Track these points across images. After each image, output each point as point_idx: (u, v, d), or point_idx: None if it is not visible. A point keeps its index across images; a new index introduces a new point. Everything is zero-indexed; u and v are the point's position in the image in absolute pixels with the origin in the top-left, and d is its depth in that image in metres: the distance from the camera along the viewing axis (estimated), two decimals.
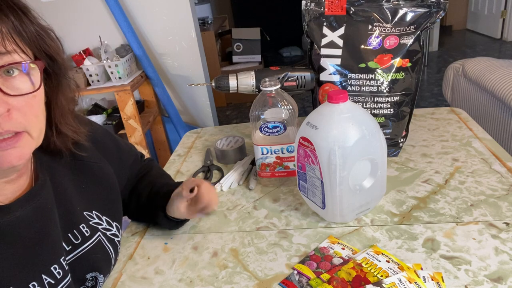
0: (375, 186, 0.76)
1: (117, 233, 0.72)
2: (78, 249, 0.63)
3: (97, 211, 0.69)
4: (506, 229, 0.71)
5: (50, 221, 0.59)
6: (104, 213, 0.70)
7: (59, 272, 0.57)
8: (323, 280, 0.64)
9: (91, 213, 0.68)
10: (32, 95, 0.52)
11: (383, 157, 0.75)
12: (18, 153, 0.51)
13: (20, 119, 0.50)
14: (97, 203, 0.70)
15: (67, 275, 0.59)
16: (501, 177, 0.86)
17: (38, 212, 0.57)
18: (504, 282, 0.60)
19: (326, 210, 0.76)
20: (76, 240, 0.63)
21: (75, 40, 2.34)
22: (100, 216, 0.69)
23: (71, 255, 0.62)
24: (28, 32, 0.52)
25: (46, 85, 0.58)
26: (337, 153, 0.69)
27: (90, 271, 0.65)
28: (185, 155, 1.17)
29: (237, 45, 3.95)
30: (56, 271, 0.57)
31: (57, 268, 0.57)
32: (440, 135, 1.08)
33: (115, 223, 0.72)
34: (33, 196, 0.57)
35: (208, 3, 4.41)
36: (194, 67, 2.44)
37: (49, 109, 0.59)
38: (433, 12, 0.91)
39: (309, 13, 0.99)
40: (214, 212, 0.88)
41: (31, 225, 0.56)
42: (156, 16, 2.30)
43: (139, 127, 2.19)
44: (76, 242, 0.63)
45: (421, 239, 0.71)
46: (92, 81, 2.15)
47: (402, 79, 0.93)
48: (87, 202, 0.68)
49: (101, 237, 0.68)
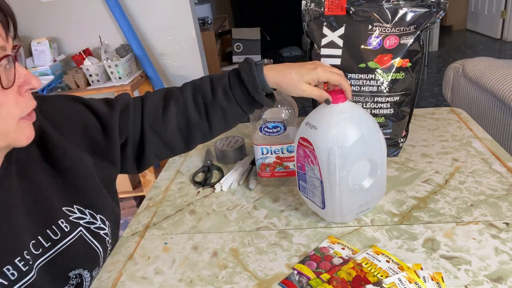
0: (374, 186, 0.76)
1: (102, 226, 0.71)
2: (58, 245, 0.63)
3: (79, 205, 0.67)
4: (506, 229, 0.71)
5: (6, 220, 0.57)
6: (87, 207, 0.69)
7: (12, 273, 0.56)
8: (323, 280, 0.64)
9: (71, 207, 0.66)
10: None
11: (383, 157, 0.75)
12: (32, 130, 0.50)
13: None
14: (78, 197, 0.68)
15: (26, 275, 0.57)
16: (501, 177, 0.86)
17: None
18: (504, 282, 0.60)
19: (325, 210, 0.76)
20: (55, 236, 0.62)
21: (75, 40, 2.34)
22: (82, 210, 0.68)
23: (51, 252, 0.61)
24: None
25: None
26: (336, 153, 0.69)
27: (73, 268, 0.64)
28: (185, 155, 1.17)
29: (237, 45, 3.95)
30: (9, 272, 0.56)
31: (11, 269, 0.56)
32: (440, 135, 1.08)
33: (100, 216, 0.70)
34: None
35: (208, 3, 4.41)
36: (194, 67, 2.44)
37: None
38: (433, 12, 0.91)
39: (309, 13, 0.99)
40: (215, 212, 0.88)
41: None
42: (156, 16, 2.30)
43: None
44: (55, 238, 0.62)
45: (421, 239, 0.71)
46: (92, 81, 2.15)
47: (402, 79, 0.93)
48: (66, 196, 0.66)
49: (82, 232, 0.67)
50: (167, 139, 0.77)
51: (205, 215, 0.87)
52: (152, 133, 0.76)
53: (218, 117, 0.76)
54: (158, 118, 0.76)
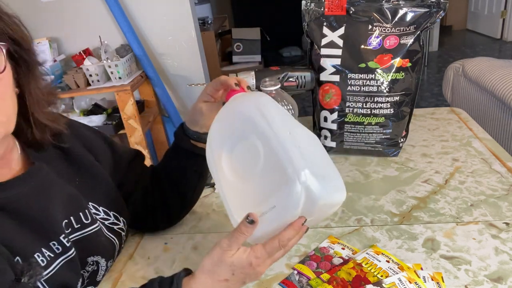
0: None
1: (116, 221, 0.73)
2: (86, 229, 0.65)
3: (94, 202, 0.70)
4: (506, 229, 0.71)
5: (52, 200, 0.61)
6: (101, 204, 0.71)
7: (57, 247, 0.60)
8: (323, 280, 0.64)
9: (87, 205, 0.69)
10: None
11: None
12: None
13: None
14: (93, 194, 0.70)
15: (68, 250, 0.61)
16: (501, 177, 0.86)
17: (37, 191, 0.59)
18: (504, 282, 0.60)
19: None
20: (86, 220, 0.66)
21: (75, 40, 2.34)
22: (97, 207, 0.70)
23: (78, 233, 0.64)
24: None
25: (17, 74, 0.57)
26: None
27: (92, 254, 0.66)
28: None
29: (237, 45, 3.95)
30: (55, 246, 0.60)
31: (56, 244, 0.60)
32: (440, 135, 1.08)
33: (112, 212, 0.73)
34: (31, 176, 0.59)
35: (208, 3, 4.40)
36: (194, 67, 2.44)
37: (24, 101, 0.58)
38: (433, 12, 0.91)
39: (309, 13, 0.99)
40: (215, 212, 0.88)
41: (30, 203, 0.58)
42: (156, 16, 2.29)
43: (139, 127, 2.19)
44: (86, 222, 0.65)
45: (421, 239, 0.71)
46: (92, 81, 2.15)
47: (402, 79, 0.93)
48: (83, 194, 0.68)
49: (101, 226, 0.69)
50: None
51: (205, 215, 0.87)
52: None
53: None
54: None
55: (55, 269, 0.59)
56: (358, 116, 0.96)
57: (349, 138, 1.00)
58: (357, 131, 0.98)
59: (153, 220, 0.82)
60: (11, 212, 0.56)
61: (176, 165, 0.78)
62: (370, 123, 0.96)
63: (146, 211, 0.81)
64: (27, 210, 0.58)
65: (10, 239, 0.54)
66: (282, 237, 0.53)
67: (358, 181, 0.92)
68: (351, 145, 1.01)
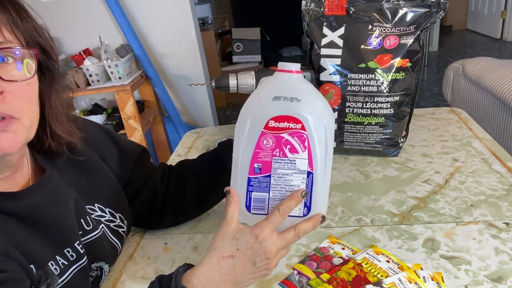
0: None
1: (121, 224, 0.73)
2: (89, 235, 0.65)
3: (100, 204, 0.70)
4: (506, 229, 0.71)
5: (64, 206, 0.61)
6: (107, 205, 0.71)
7: (72, 254, 0.60)
8: (323, 280, 0.64)
9: (93, 206, 0.69)
10: (26, 82, 0.53)
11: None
12: (9, 139, 0.51)
13: (13, 103, 0.51)
14: (98, 195, 0.70)
15: (82, 257, 0.62)
16: (501, 177, 0.86)
17: (52, 198, 0.59)
18: (504, 282, 0.60)
19: (310, 213, 0.58)
20: (87, 227, 0.65)
21: (75, 40, 2.34)
22: (103, 208, 0.70)
23: (83, 239, 0.64)
24: (25, 24, 0.54)
25: (40, 82, 0.58)
26: (331, 129, 0.56)
27: (97, 260, 0.66)
28: (185, 155, 1.17)
29: (237, 45, 3.95)
30: (69, 253, 0.60)
31: (70, 251, 0.60)
32: (440, 135, 1.08)
33: (119, 214, 0.73)
34: (45, 183, 0.60)
35: (208, 3, 4.40)
36: (194, 67, 2.44)
37: (43, 111, 0.59)
38: (433, 12, 0.91)
39: (309, 13, 0.99)
40: (215, 212, 0.88)
41: (45, 210, 0.58)
42: (156, 16, 2.29)
43: (139, 127, 2.19)
44: (87, 229, 0.65)
45: (421, 239, 0.71)
46: (92, 81, 2.15)
47: (402, 79, 0.93)
48: (88, 196, 0.68)
49: (104, 229, 0.69)
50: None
51: (205, 215, 0.87)
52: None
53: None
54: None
55: (69, 276, 0.59)
56: (358, 116, 0.96)
57: (349, 138, 1.00)
58: (357, 131, 0.98)
59: (159, 218, 0.82)
60: (27, 220, 0.56)
61: (210, 178, 0.78)
62: (370, 123, 0.96)
63: (152, 209, 0.81)
64: (42, 217, 0.58)
65: (27, 247, 0.54)
66: (282, 205, 0.54)
67: (358, 181, 0.92)
68: (351, 145, 1.01)
